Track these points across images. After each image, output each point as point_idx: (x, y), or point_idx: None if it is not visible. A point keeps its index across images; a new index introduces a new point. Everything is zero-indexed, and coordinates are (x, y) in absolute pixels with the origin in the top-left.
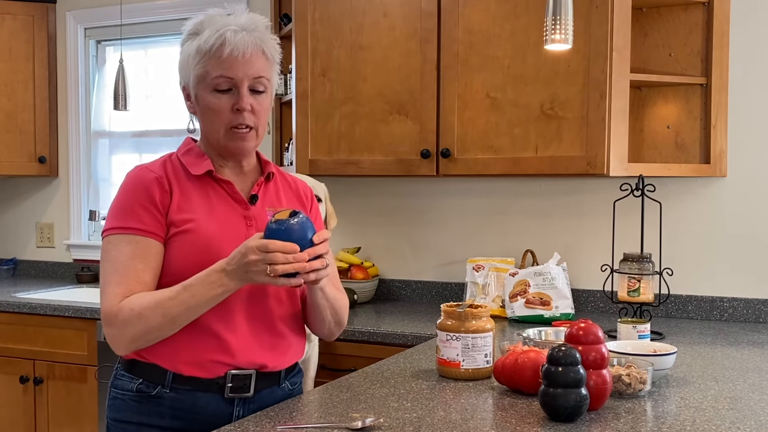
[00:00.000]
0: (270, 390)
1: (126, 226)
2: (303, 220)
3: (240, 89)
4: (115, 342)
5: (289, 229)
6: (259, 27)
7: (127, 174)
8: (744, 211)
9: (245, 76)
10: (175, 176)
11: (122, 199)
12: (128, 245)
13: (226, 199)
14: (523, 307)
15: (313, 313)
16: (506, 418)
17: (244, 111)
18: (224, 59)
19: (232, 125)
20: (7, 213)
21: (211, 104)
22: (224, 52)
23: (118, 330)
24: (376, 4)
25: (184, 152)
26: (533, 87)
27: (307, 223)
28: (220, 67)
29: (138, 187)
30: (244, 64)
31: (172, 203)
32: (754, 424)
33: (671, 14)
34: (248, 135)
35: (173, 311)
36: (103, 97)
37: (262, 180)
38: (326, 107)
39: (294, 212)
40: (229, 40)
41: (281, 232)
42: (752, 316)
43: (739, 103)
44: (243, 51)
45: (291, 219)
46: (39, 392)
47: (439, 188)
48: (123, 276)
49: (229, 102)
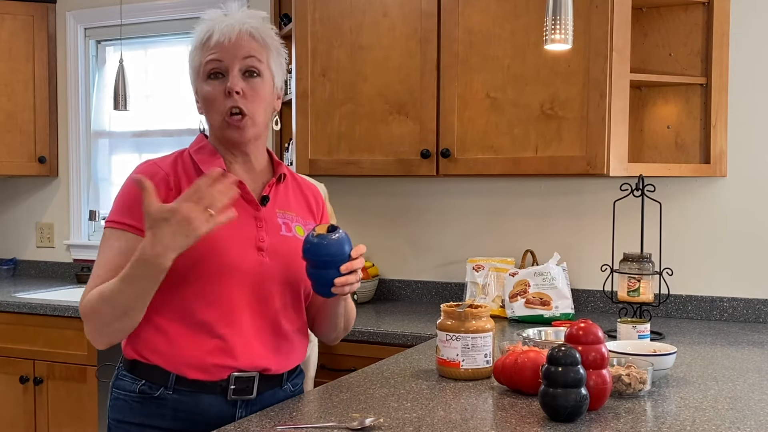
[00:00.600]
0: (272, 392)
1: (121, 221)
2: (342, 235)
3: (230, 71)
4: (89, 338)
5: (329, 243)
6: (252, 19)
7: (136, 167)
8: (744, 211)
9: (234, 57)
10: (186, 174)
11: (125, 193)
12: (118, 241)
13: (237, 200)
14: (523, 307)
15: (326, 321)
16: (506, 418)
17: (233, 93)
18: (213, 46)
19: (225, 111)
20: (7, 213)
21: (205, 93)
22: (212, 40)
23: (85, 325)
24: (376, 4)
25: (196, 149)
26: (533, 87)
27: (345, 239)
28: (209, 54)
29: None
30: (232, 47)
31: None
32: (754, 424)
33: (671, 14)
34: (242, 123)
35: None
36: (103, 97)
37: (274, 181)
38: (326, 107)
39: (332, 227)
40: (216, 29)
41: (321, 246)
42: (752, 316)
43: (739, 103)
44: (229, 35)
45: (332, 234)
46: (39, 392)
47: (439, 188)
48: (103, 271)
49: (221, 87)
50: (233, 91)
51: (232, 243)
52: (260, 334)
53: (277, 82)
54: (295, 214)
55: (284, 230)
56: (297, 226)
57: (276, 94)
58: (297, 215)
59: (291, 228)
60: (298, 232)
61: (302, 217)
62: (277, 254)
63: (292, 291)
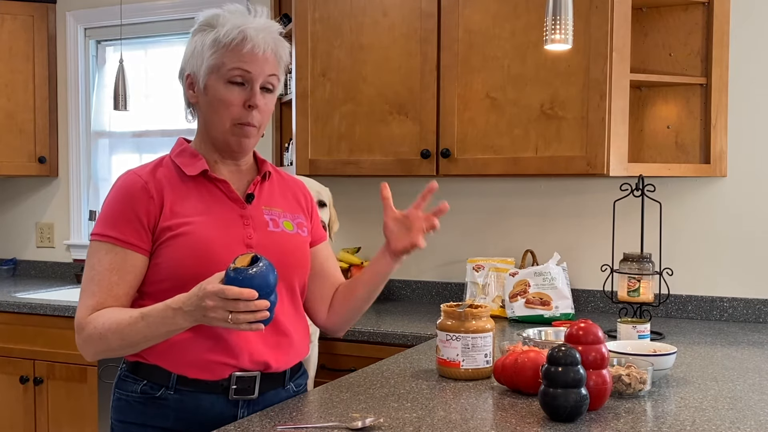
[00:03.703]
0: (275, 392)
1: (107, 234)
2: (263, 267)
3: (254, 85)
4: (82, 351)
5: (247, 278)
6: (274, 30)
7: (117, 179)
8: (744, 211)
9: (261, 72)
10: (168, 180)
11: (108, 206)
12: (107, 255)
13: (222, 199)
14: (523, 307)
15: (356, 307)
16: (506, 418)
17: (255, 108)
18: (244, 53)
19: (238, 121)
20: (7, 213)
21: (222, 96)
22: (245, 47)
23: (83, 342)
24: (376, 4)
25: (177, 153)
26: (533, 87)
27: (268, 269)
28: (240, 61)
29: (124, 197)
30: (263, 61)
31: (164, 209)
32: (754, 424)
33: (671, 14)
34: (251, 132)
35: (131, 338)
36: (103, 97)
37: (259, 179)
38: (326, 107)
39: (255, 257)
40: (251, 36)
41: (239, 282)
42: (752, 316)
43: (739, 103)
44: (263, 48)
45: (250, 268)
46: (39, 392)
47: (439, 188)
48: (98, 287)
49: (240, 96)
50: (256, 106)
51: (221, 242)
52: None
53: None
54: (283, 209)
55: (272, 226)
56: (285, 222)
57: None
58: (284, 211)
59: (279, 224)
60: (286, 227)
61: (290, 212)
62: (267, 250)
63: (287, 286)
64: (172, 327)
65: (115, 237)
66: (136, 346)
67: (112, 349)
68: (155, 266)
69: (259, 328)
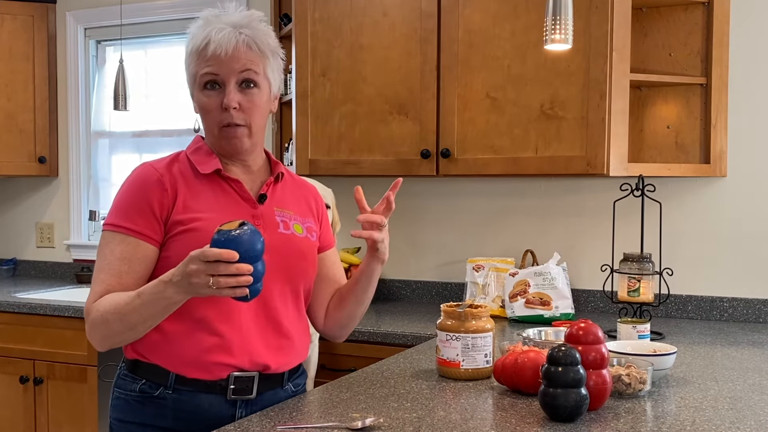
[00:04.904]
0: (273, 392)
1: (120, 224)
2: (248, 230)
3: (226, 86)
4: (90, 339)
5: (229, 240)
6: (252, 22)
7: (133, 170)
8: (744, 211)
9: (230, 71)
10: (182, 175)
11: (122, 196)
12: (119, 245)
13: (235, 198)
14: (523, 307)
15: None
16: (506, 418)
17: (230, 108)
18: (209, 57)
19: (222, 124)
20: (7, 213)
21: (201, 103)
22: (208, 50)
23: (90, 329)
24: (376, 4)
25: (192, 150)
26: (533, 87)
27: (254, 234)
28: (206, 65)
29: (138, 187)
30: (229, 60)
31: (177, 203)
32: (754, 424)
33: (671, 14)
34: (239, 133)
35: (129, 318)
36: (103, 97)
37: (272, 180)
38: (326, 107)
39: (243, 223)
40: (213, 38)
41: (221, 243)
42: (752, 316)
43: (739, 103)
44: (225, 48)
45: (234, 230)
46: (39, 392)
47: (439, 188)
48: (107, 275)
49: (217, 99)
50: (230, 107)
51: None
52: (259, 331)
53: (273, 88)
54: (294, 212)
55: (282, 228)
56: (295, 224)
57: (273, 98)
58: (295, 213)
59: (289, 226)
60: (296, 230)
61: (301, 215)
62: (276, 252)
63: (292, 289)
64: (165, 302)
65: (127, 227)
66: (135, 328)
67: (115, 333)
68: (165, 259)
69: (243, 294)
